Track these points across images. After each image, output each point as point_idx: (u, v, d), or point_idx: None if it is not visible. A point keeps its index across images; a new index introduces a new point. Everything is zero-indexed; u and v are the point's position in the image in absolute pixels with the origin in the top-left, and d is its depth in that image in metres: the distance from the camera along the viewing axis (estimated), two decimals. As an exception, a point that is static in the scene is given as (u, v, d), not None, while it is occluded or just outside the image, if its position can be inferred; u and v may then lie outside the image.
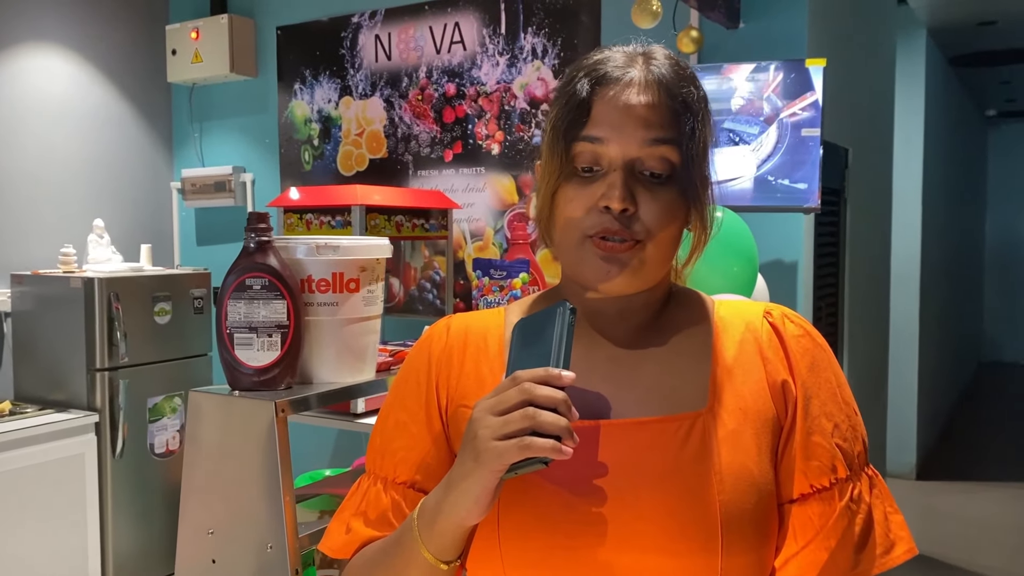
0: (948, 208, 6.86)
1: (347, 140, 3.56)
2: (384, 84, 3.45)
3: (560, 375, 0.73)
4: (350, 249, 1.31)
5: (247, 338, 1.22)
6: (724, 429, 0.82)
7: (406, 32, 3.38)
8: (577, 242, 0.82)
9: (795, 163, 2.45)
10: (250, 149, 3.84)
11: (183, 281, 3.38)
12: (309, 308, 1.29)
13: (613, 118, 0.80)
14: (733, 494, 0.79)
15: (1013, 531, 4.48)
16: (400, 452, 0.89)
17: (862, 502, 0.84)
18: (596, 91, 0.81)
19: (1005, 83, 7.79)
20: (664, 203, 0.81)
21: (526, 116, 3.11)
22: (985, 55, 6.38)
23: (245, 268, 1.25)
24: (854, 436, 0.86)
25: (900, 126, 4.76)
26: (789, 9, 2.66)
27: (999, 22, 5.27)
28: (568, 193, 0.82)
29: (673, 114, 0.81)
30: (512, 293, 1.41)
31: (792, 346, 0.87)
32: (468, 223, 3.25)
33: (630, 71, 0.82)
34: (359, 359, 1.34)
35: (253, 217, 1.33)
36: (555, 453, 0.71)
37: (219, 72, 3.68)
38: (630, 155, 0.80)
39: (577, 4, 2.98)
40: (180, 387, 3.39)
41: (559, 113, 0.83)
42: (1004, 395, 8.57)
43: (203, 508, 1.24)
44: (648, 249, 0.81)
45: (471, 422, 0.75)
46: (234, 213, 3.87)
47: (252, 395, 1.24)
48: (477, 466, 0.73)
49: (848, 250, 3.38)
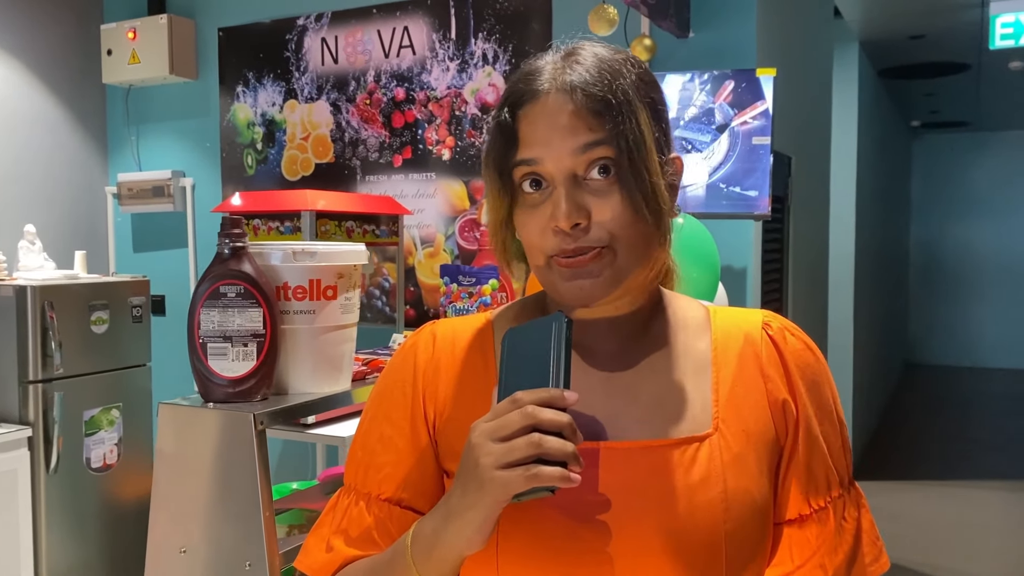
0: (877, 216, 7.08)
1: (292, 144, 3.50)
2: (331, 88, 3.39)
3: (564, 396, 0.70)
4: (328, 255, 1.27)
5: (221, 348, 1.17)
6: (729, 453, 0.80)
7: (353, 35, 3.33)
8: (545, 267, 0.79)
9: (746, 171, 2.48)
10: (190, 153, 3.74)
11: (121, 289, 3.26)
12: (285, 316, 1.24)
13: (539, 135, 0.77)
14: (738, 522, 0.78)
15: (949, 528, 4.63)
16: (386, 468, 0.85)
17: (853, 518, 0.85)
18: (517, 114, 0.78)
19: (930, 95, 8.09)
20: (617, 203, 0.77)
21: (477, 122, 3.09)
22: (912, 68, 6.61)
23: (219, 275, 1.21)
24: (845, 452, 0.86)
25: (835, 136, 4.89)
26: (738, 20, 2.70)
27: (927, 36, 5.46)
28: (521, 219, 0.80)
29: (595, 114, 0.76)
30: (481, 300, 1.39)
31: (792, 363, 0.85)
32: (418, 229, 3.21)
33: (547, 83, 0.78)
34: (336, 368, 1.30)
35: (227, 222, 1.28)
36: (563, 482, 0.67)
37: (158, 74, 3.58)
38: (566, 167, 0.76)
39: (528, 11, 2.98)
40: (118, 399, 3.27)
41: (490, 143, 0.81)
42: (930, 396, 8.87)
43: (174, 526, 1.19)
44: (619, 254, 0.77)
45: (470, 448, 0.71)
46: (173, 219, 3.76)
47: (228, 407, 1.19)
48: (481, 496, 0.70)
49: (791, 257, 3.45)
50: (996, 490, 5.33)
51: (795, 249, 3.49)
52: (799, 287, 3.62)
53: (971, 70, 6.67)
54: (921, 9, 4.80)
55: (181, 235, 3.75)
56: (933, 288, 10.78)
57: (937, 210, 10.80)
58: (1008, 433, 7.08)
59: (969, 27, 5.16)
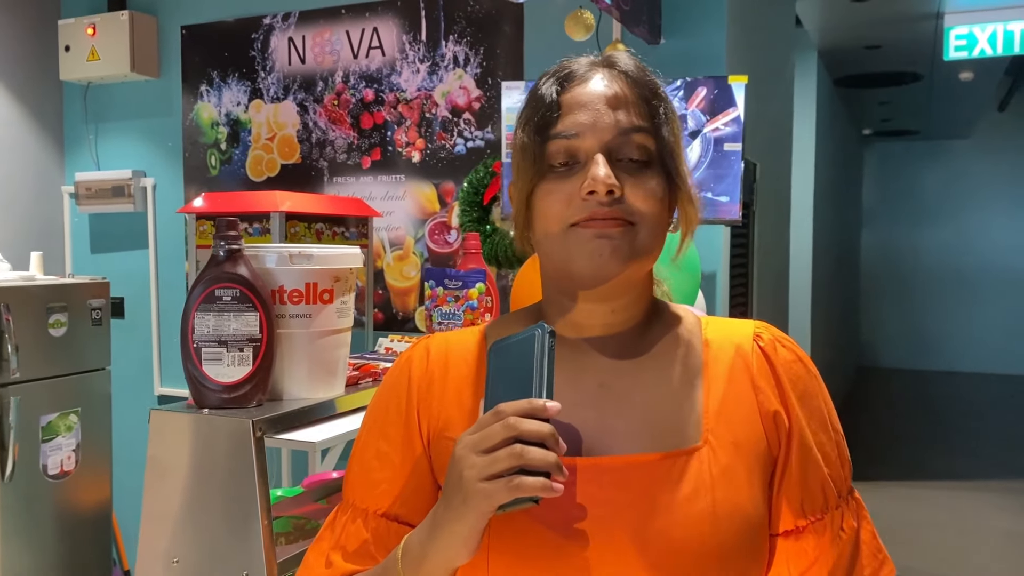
0: (832, 222, 7.22)
1: (257, 145, 3.44)
2: (298, 88, 3.35)
3: (545, 407, 0.70)
4: (325, 258, 1.25)
5: (216, 352, 1.14)
6: (718, 466, 0.80)
7: (321, 36, 3.29)
8: (561, 234, 0.79)
9: (718, 176, 2.51)
10: (151, 153, 3.66)
11: (80, 291, 3.18)
12: (280, 320, 1.22)
13: (585, 112, 0.79)
14: (728, 534, 0.77)
15: (909, 528, 4.73)
16: (382, 484, 0.86)
17: (851, 528, 0.84)
18: (564, 89, 0.81)
19: (883, 103, 8.28)
20: (648, 187, 0.79)
21: (448, 124, 3.08)
22: (867, 77, 6.76)
23: (214, 278, 1.18)
24: (842, 463, 0.86)
25: (794, 142, 4.97)
26: (709, 27, 2.73)
27: (883, 46, 5.59)
28: (546, 187, 0.80)
29: (644, 102, 0.81)
30: (468, 303, 1.38)
31: (783, 374, 0.85)
32: (387, 232, 3.19)
33: (595, 69, 0.83)
34: (330, 374, 1.28)
35: (223, 224, 1.25)
36: (546, 492, 0.68)
37: (118, 71, 3.50)
38: (605, 143, 0.78)
39: (500, 14, 2.98)
40: (76, 404, 3.19)
41: (529, 115, 0.82)
42: (883, 399, 9.07)
43: (166, 535, 1.15)
44: (640, 233, 0.78)
45: (455, 461, 0.72)
46: (133, 219, 3.68)
47: (224, 413, 1.16)
48: (465, 509, 0.70)
49: (756, 262, 3.49)
50: (947, 490, 5.46)
51: (760, 254, 3.54)
52: (763, 292, 3.67)
53: (923, 80, 6.84)
54: (879, 20, 4.91)
55: (141, 236, 3.67)
56: (883, 293, 11.02)
57: (887, 216, 11.06)
58: (959, 435, 7.26)
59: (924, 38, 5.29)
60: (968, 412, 8.30)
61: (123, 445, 3.48)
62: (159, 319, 3.64)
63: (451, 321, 1.43)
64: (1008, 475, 5.84)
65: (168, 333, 3.62)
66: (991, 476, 5.78)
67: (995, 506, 5.15)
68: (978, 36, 4.54)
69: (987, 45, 4.56)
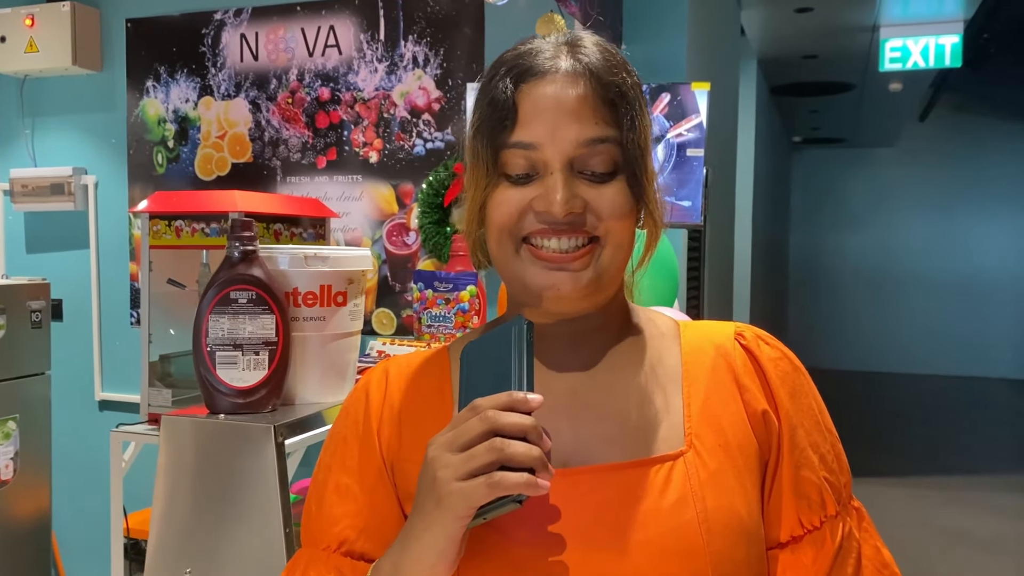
0: (767, 226, 7.41)
1: (207, 143, 3.36)
2: (250, 85, 3.28)
3: (526, 399, 0.64)
4: (339, 260, 1.22)
5: (231, 356, 1.09)
6: (706, 470, 0.73)
7: (275, 32, 3.23)
8: (512, 251, 0.73)
9: (681, 181, 2.55)
10: (93, 149, 3.53)
11: (19, 292, 3.05)
12: (294, 323, 1.18)
13: (543, 119, 0.71)
14: (723, 543, 0.71)
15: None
16: (345, 519, 0.78)
17: (853, 539, 0.78)
18: (520, 89, 0.72)
19: (814, 112, 8.53)
20: (613, 197, 0.72)
21: (407, 125, 3.05)
22: (801, 86, 6.96)
23: (229, 280, 1.13)
24: (840, 467, 0.80)
25: (738, 148, 5.09)
26: (670, 34, 2.77)
27: (820, 56, 5.76)
28: (498, 198, 0.73)
29: (609, 105, 0.73)
30: (460, 306, 1.37)
31: (770, 371, 0.79)
32: (344, 233, 3.14)
33: (555, 61, 0.73)
34: (341, 377, 1.25)
35: (237, 224, 1.21)
36: (531, 488, 0.61)
37: (59, 64, 3.37)
38: (566, 155, 0.71)
39: (460, 16, 2.97)
40: (14, 410, 3.05)
41: (481, 116, 0.74)
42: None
43: (179, 545, 1.11)
44: (607, 249, 0.73)
45: (427, 463, 0.65)
46: (74, 218, 3.55)
47: (244, 419, 1.12)
48: (440, 513, 0.63)
49: (708, 265, 3.56)
50: (878, 487, 5.64)
51: (711, 257, 3.61)
52: (713, 293, 3.75)
53: (855, 90, 7.08)
54: (818, 31, 5.06)
55: (82, 236, 3.54)
56: (808, 294, 11.36)
57: (814, 221, 11.40)
58: (883, 434, 7.52)
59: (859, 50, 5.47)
60: (890, 411, 8.60)
61: (62, 453, 3.35)
62: (101, 321, 3.51)
63: (442, 324, 1.42)
64: (939, 472, 6.07)
65: (110, 336, 3.50)
66: (922, 474, 6.00)
67: (931, 504, 5.35)
68: (912, 49, 4.73)
69: (920, 58, 4.76)
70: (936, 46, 4.70)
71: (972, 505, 5.29)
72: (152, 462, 2.54)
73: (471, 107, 2.44)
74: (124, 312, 3.47)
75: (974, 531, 4.82)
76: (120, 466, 2.18)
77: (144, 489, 3.02)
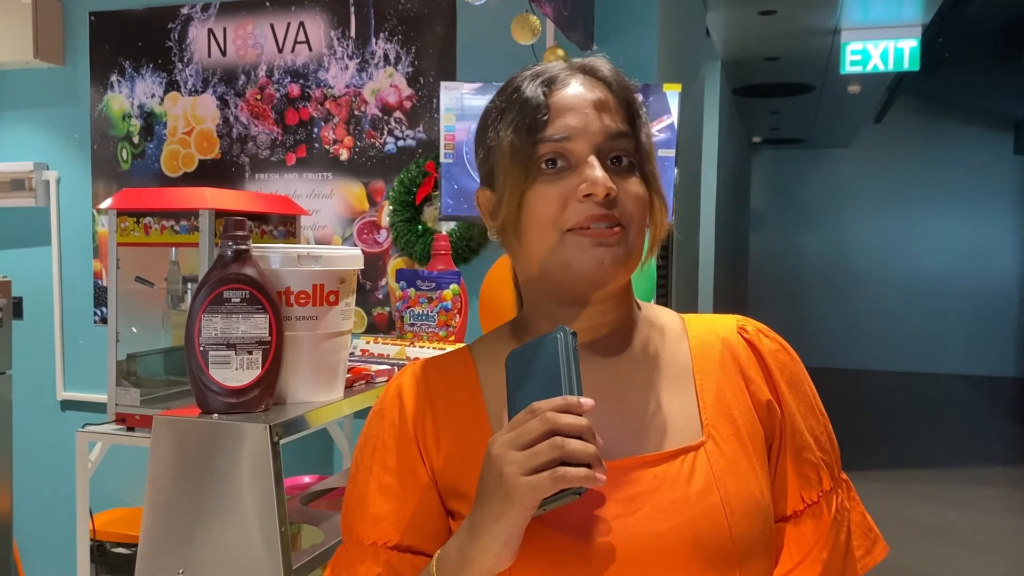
0: (729, 225, 7.51)
1: (173, 139, 3.31)
2: (218, 81, 3.24)
3: (580, 402, 0.71)
4: (331, 259, 1.21)
5: (224, 356, 1.09)
6: (724, 458, 0.81)
7: (244, 28, 3.20)
8: (556, 241, 0.79)
9: (653, 180, 2.58)
10: (55, 145, 3.47)
11: (-22, 290, 2.98)
12: (287, 322, 1.17)
13: (574, 115, 0.80)
14: (744, 523, 0.78)
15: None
16: (389, 516, 0.83)
17: (844, 510, 0.88)
18: (550, 92, 0.82)
19: (775, 113, 8.66)
20: (635, 190, 0.81)
21: (378, 123, 3.05)
22: (762, 87, 7.06)
23: (222, 279, 1.12)
24: (831, 446, 0.90)
25: (703, 148, 5.15)
26: (640, 35, 2.80)
27: (782, 58, 5.85)
28: (539, 190, 0.80)
29: (624, 107, 0.83)
30: (442, 305, 1.37)
31: (771, 363, 0.87)
32: (313, 231, 3.13)
33: (575, 74, 0.84)
34: (332, 376, 1.24)
35: (230, 224, 1.20)
36: (590, 482, 0.68)
37: (19, 58, 3.30)
38: (596, 145, 0.80)
39: (432, 14, 2.97)
40: (-27, 410, 2.98)
41: (516, 118, 0.81)
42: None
43: (171, 546, 1.09)
44: (631, 235, 0.80)
45: (491, 460, 0.71)
46: (34, 215, 3.48)
47: (238, 418, 1.11)
48: (509, 505, 0.69)
49: (675, 262, 3.60)
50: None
51: (678, 255, 3.66)
52: (679, 291, 3.79)
53: (814, 91, 7.20)
54: (781, 33, 5.14)
55: (43, 232, 3.47)
56: (768, 293, 11.54)
57: (773, 220, 11.58)
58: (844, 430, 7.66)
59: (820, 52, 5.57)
60: (851, 407, 8.78)
61: (22, 454, 3.29)
62: (63, 320, 3.45)
63: (424, 323, 1.42)
64: (903, 466, 6.21)
65: (72, 335, 3.44)
66: (886, 468, 6.13)
67: (898, 498, 5.47)
68: (871, 52, 4.84)
69: (879, 61, 4.86)
70: (895, 49, 4.81)
71: (924, 497, 5.42)
72: (119, 462, 2.50)
73: (444, 108, 2.41)
74: (87, 310, 3.41)
75: (923, 520, 4.94)
76: (86, 467, 2.14)
77: (110, 489, 2.98)
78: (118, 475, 2.82)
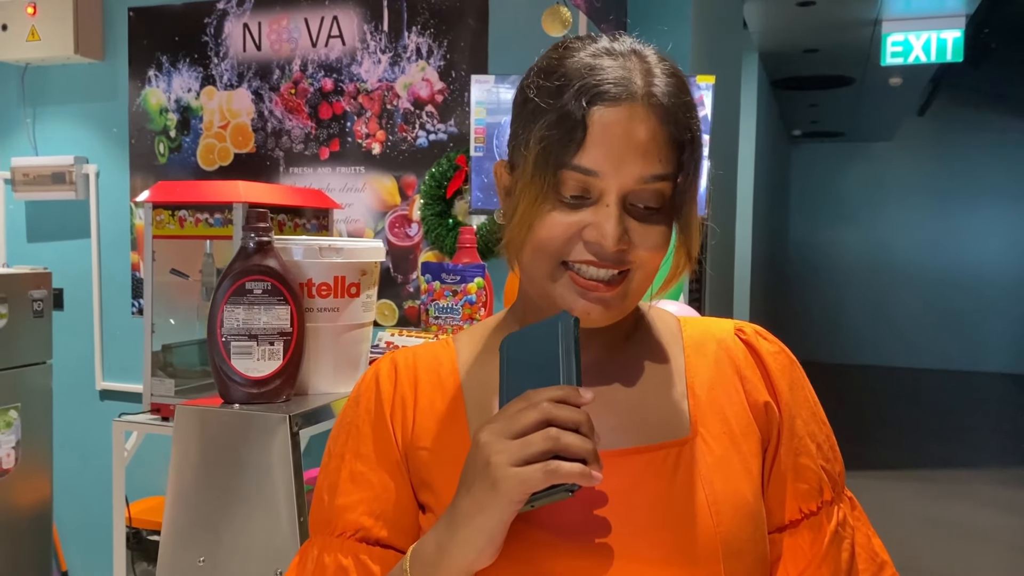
0: (767, 219, 7.42)
1: (209, 132, 3.35)
2: (253, 75, 3.27)
3: (579, 393, 0.66)
4: (353, 252, 1.22)
5: (246, 347, 1.10)
6: (712, 456, 0.77)
7: (278, 23, 3.22)
8: (550, 271, 0.75)
9: (685, 174, 2.55)
10: (94, 139, 3.53)
11: (20, 282, 3.04)
12: (308, 314, 1.18)
13: (611, 150, 0.71)
14: (731, 525, 0.74)
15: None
16: (360, 506, 0.79)
17: (847, 526, 0.82)
18: (592, 112, 0.71)
19: (813, 106, 8.53)
20: (656, 233, 0.74)
21: (410, 116, 3.05)
22: (801, 80, 6.96)
23: (244, 270, 1.13)
24: (834, 456, 0.85)
25: (740, 141, 5.09)
26: (674, 26, 2.77)
27: (821, 50, 5.75)
28: (548, 219, 0.73)
29: (676, 147, 0.74)
30: (467, 298, 1.37)
31: (770, 364, 0.83)
32: (346, 224, 3.14)
33: (629, 87, 0.72)
34: (354, 367, 1.25)
35: (253, 216, 1.21)
36: (584, 479, 0.63)
37: (60, 53, 3.36)
38: (625, 188, 0.72)
39: (464, 7, 2.96)
40: (15, 399, 3.05)
41: (548, 130, 0.73)
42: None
43: (192, 535, 1.11)
44: (635, 279, 0.75)
45: (478, 448, 0.66)
46: (75, 208, 3.54)
47: (259, 409, 1.12)
48: (493, 497, 0.64)
49: (710, 258, 3.57)
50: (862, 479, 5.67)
51: (713, 250, 3.62)
52: (714, 286, 3.75)
53: (854, 84, 7.08)
54: (820, 25, 5.06)
55: (83, 225, 3.53)
56: (807, 288, 11.38)
57: (811, 215, 11.41)
58: (873, 425, 7.54)
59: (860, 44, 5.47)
60: (885, 404, 8.63)
61: (62, 442, 3.36)
62: (102, 311, 3.51)
63: (449, 316, 1.42)
64: (923, 463, 6.11)
65: (111, 325, 3.50)
66: (907, 465, 6.04)
67: (909, 493, 5.38)
68: (913, 43, 4.73)
69: (921, 52, 4.76)
70: (938, 40, 4.70)
71: (965, 498, 5.32)
72: (154, 451, 2.54)
73: (475, 101, 2.35)
74: (125, 302, 3.47)
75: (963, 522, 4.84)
76: (122, 455, 2.18)
77: (146, 478, 3.03)
78: (154, 464, 2.87)
